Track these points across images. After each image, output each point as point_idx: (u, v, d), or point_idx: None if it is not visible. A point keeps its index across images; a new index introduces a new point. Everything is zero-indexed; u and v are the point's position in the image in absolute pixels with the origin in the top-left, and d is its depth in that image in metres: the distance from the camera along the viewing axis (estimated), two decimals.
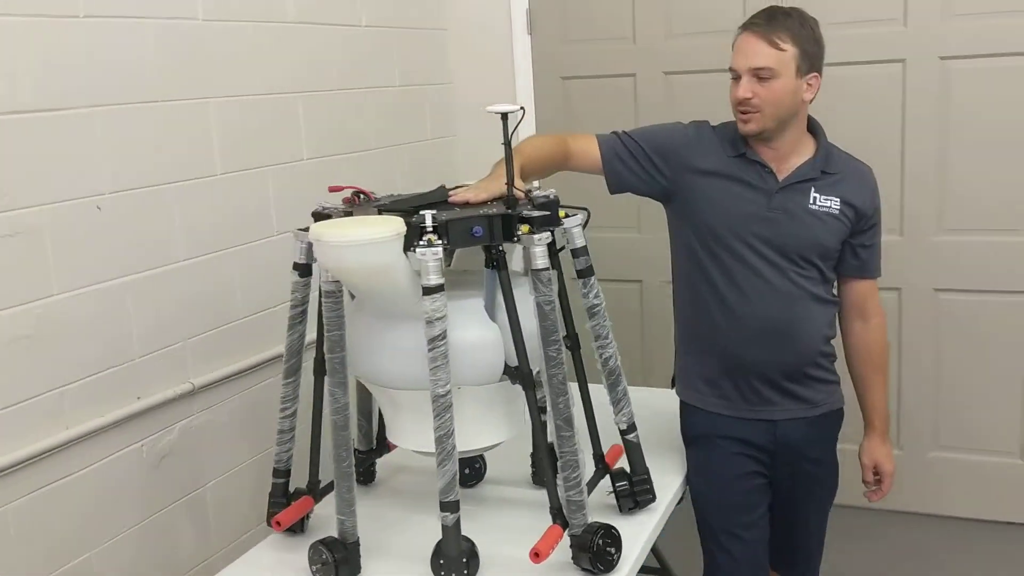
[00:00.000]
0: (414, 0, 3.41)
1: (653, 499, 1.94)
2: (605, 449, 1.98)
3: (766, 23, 1.99)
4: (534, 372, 1.75)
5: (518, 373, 1.73)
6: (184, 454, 2.44)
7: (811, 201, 2.06)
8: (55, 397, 2.09)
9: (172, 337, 2.41)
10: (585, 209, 1.87)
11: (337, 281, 1.66)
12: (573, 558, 1.70)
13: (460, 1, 3.63)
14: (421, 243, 1.59)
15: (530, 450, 2.10)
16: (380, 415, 2.08)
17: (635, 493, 1.92)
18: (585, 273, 1.85)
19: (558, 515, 1.72)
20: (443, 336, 1.59)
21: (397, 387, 1.74)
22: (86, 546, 2.17)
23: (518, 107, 1.67)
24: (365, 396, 2.07)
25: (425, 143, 3.47)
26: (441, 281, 1.59)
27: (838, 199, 2.07)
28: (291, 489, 1.96)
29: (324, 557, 1.70)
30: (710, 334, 2.16)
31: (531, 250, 1.67)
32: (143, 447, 2.33)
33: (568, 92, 3.60)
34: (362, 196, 1.89)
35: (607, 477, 1.95)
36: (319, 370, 1.87)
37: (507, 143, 1.70)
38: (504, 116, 1.68)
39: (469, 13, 3.63)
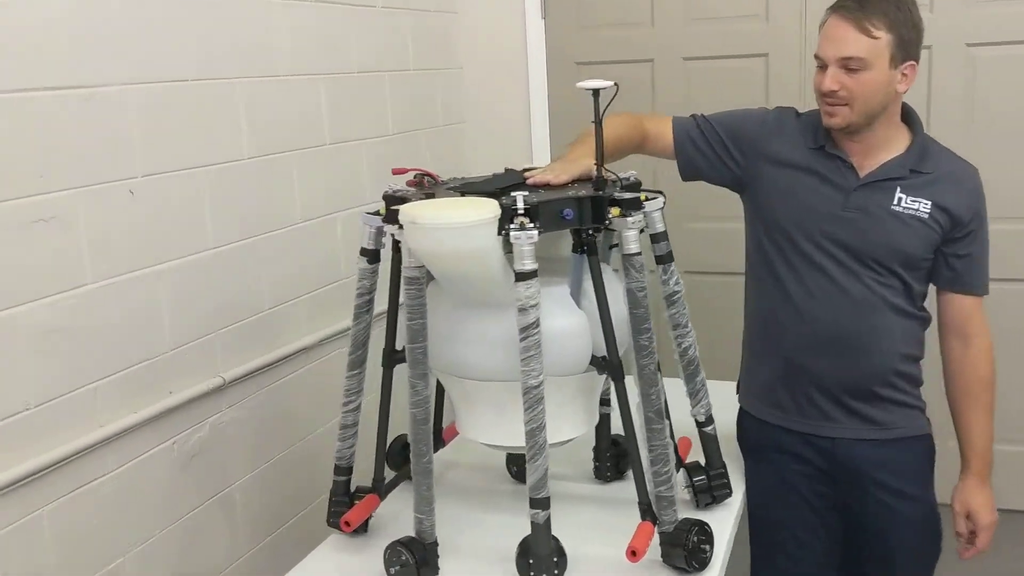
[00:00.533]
0: None
1: (730, 493, 1.87)
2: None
3: (859, 6, 1.80)
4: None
5: (605, 363, 1.65)
6: (213, 452, 2.33)
7: (895, 202, 1.87)
8: (89, 393, 1.96)
9: (203, 329, 2.28)
10: (661, 193, 1.79)
11: (421, 267, 1.57)
12: (664, 556, 1.63)
13: None
14: (513, 226, 1.50)
15: (590, 444, 2.02)
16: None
17: (712, 488, 1.85)
18: (665, 259, 1.76)
19: (648, 511, 1.65)
20: (536, 324, 1.51)
21: (477, 378, 1.65)
22: (119, 549, 2.05)
23: (611, 83, 1.58)
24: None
25: (435, 129, 3.36)
26: (535, 267, 1.50)
27: (929, 202, 1.86)
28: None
29: (404, 558, 1.60)
30: (772, 336, 2.02)
31: (624, 234, 1.59)
32: (174, 445, 2.21)
33: (583, 78, 3.50)
34: (428, 179, 1.79)
35: (682, 471, 1.88)
36: (388, 362, 1.78)
37: (598, 121, 1.62)
38: (595, 93, 1.60)
39: None
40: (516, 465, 2.01)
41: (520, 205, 1.51)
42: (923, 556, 2.01)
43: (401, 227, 1.54)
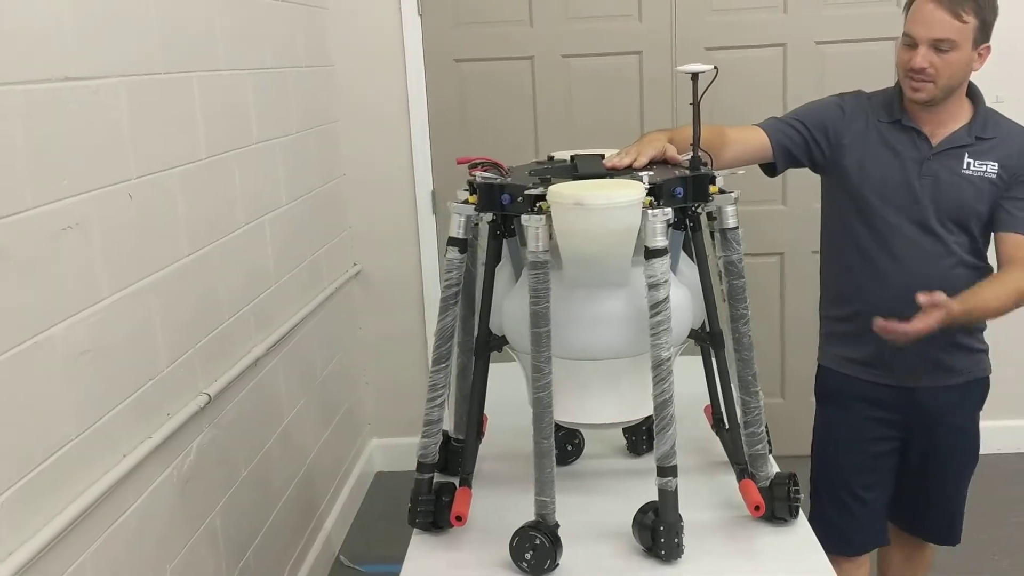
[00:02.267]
0: None
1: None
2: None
3: None
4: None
5: (705, 334, 1.73)
6: (200, 476, 2.14)
7: (965, 166, 2.04)
8: (110, 421, 1.76)
9: (187, 343, 2.10)
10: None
11: (547, 252, 1.56)
12: (769, 510, 1.72)
13: None
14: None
15: None
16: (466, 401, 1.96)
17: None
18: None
19: (745, 470, 1.74)
20: (667, 300, 1.55)
21: (593, 358, 1.66)
22: None
23: (711, 66, 1.65)
24: (465, 382, 1.94)
25: (308, 130, 3.17)
26: (667, 243, 1.55)
27: (995, 163, 2.04)
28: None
29: (539, 541, 1.58)
30: (857, 300, 2.17)
31: (724, 209, 1.67)
32: (173, 472, 2.02)
33: (463, 75, 3.54)
34: (496, 168, 1.77)
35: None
36: (482, 350, 1.74)
37: (696, 104, 1.68)
38: (694, 76, 1.65)
39: None
40: (570, 444, 2.03)
41: (645, 183, 1.55)
42: (966, 469, 2.29)
43: (539, 212, 1.52)
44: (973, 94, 2.12)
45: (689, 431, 2.03)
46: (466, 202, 1.70)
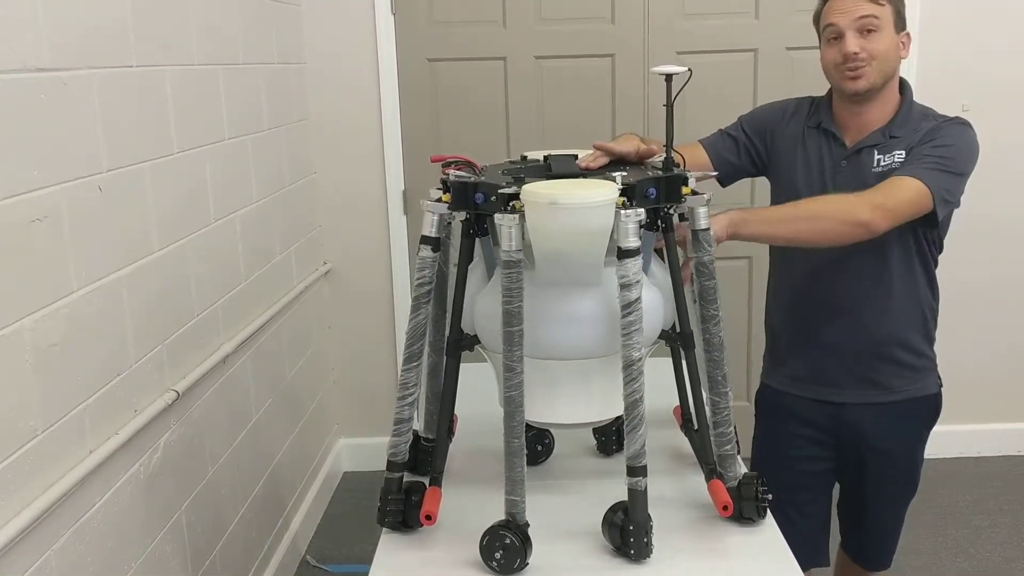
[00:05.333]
0: None
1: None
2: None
3: None
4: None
5: (676, 334, 1.74)
6: (167, 473, 2.13)
7: (875, 164, 2.00)
8: (79, 415, 1.75)
9: (156, 338, 2.08)
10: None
11: (520, 251, 1.56)
12: (738, 510, 1.74)
13: None
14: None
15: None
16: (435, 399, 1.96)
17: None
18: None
19: (714, 471, 1.76)
20: (639, 300, 1.56)
21: (564, 357, 1.67)
22: None
23: (685, 68, 1.66)
24: (436, 380, 1.94)
25: (280, 128, 3.14)
26: (639, 243, 1.56)
27: (902, 152, 1.98)
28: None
29: (508, 541, 1.59)
30: (783, 309, 2.18)
31: (696, 210, 1.69)
32: (140, 468, 2.00)
33: (435, 74, 3.54)
34: (469, 167, 1.77)
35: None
36: (454, 349, 1.74)
37: (669, 105, 1.69)
38: (668, 77, 1.66)
39: None
40: (540, 444, 2.04)
41: (619, 183, 1.56)
42: (898, 499, 2.21)
43: (512, 211, 1.53)
44: (903, 90, 2.07)
45: (658, 432, 2.05)
46: (439, 200, 1.70)
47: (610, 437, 2.09)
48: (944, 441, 2.21)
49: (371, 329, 3.74)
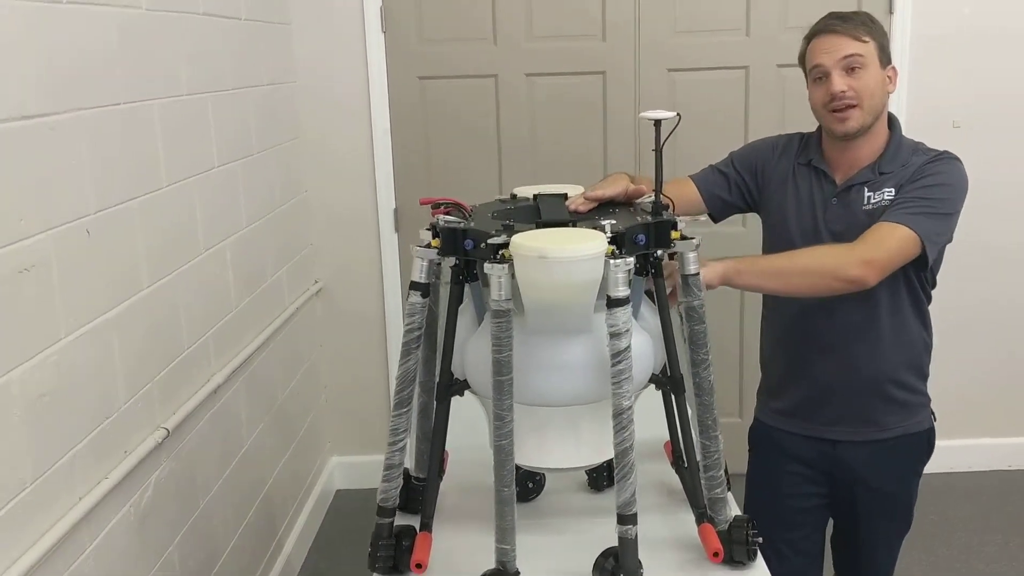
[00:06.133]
0: None
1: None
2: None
3: (841, 22, 1.96)
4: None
5: (666, 378, 1.74)
6: (157, 511, 2.12)
7: (865, 201, 1.98)
8: (68, 463, 1.74)
9: (145, 377, 2.08)
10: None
11: (510, 299, 1.56)
12: (728, 553, 1.74)
13: None
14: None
15: None
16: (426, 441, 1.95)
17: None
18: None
19: (704, 514, 1.76)
20: (629, 349, 1.56)
21: (554, 404, 1.67)
22: None
23: (673, 113, 1.66)
24: (427, 420, 1.94)
25: (272, 146, 3.14)
26: (628, 292, 1.55)
27: (892, 189, 1.97)
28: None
29: None
30: (775, 345, 2.18)
31: (685, 255, 1.68)
32: (131, 509, 1.99)
33: (426, 92, 3.53)
34: (459, 208, 1.76)
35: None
36: (444, 395, 1.74)
37: (658, 150, 1.68)
38: (657, 123, 1.66)
39: (316, 8, 3.43)
40: (531, 481, 2.04)
41: (608, 232, 1.56)
42: (892, 536, 2.20)
43: (502, 262, 1.53)
44: (892, 125, 2.06)
45: (649, 465, 2.05)
46: (429, 245, 1.69)
47: (601, 473, 2.09)
48: (935, 456, 2.19)
49: (363, 346, 3.73)
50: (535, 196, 1.89)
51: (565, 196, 1.89)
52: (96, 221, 1.86)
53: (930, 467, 2.20)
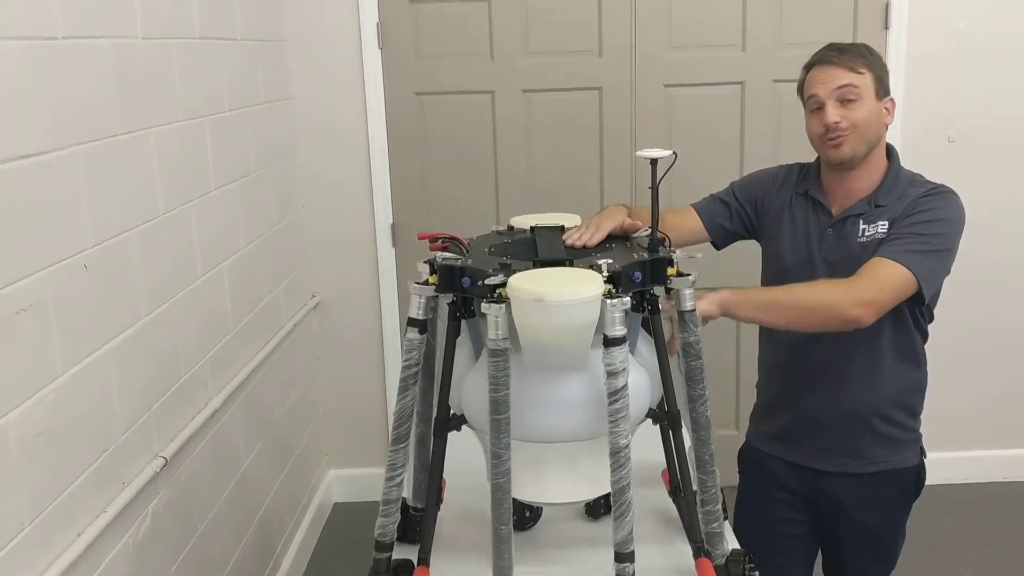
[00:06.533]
0: (246, 3, 2.95)
1: None
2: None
3: (839, 53, 1.97)
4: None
5: (663, 413, 1.75)
6: (155, 541, 2.12)
7: (860, 234, 1.99)
8: (66, 499, 1.74)
9: (143, 407, 2.08)
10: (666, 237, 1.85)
11: (507, 339, 1.56)
12: None
13: (302, 11, 3.42)
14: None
15: None
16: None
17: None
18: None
19: (701, 549, 1.77)
20: (626, 387, 1.56)
21: (552, 440, 1.68)
22: None
23: (669, 152, 1.66)
24: (425, 450, 1.95)
25: (261, 171, 3.11)
26: (625, 331, 1.56)
27: (886, 222, 1.97)
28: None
29: None
30: (769, 371, 2.20)
31: (682, 292, 1.69)
32: (130, 540, 1.99)
33: (423, 108, 3.53)
34: (456, 243, 1.77)
35: None
36: (441, 430, 1.74)
37: (654, 187, 1.69)
38: (653, 162, 1.67)
39: (312, 24, 3.43)
40: (529, 510, 2.04)
41: (604, 272, 1.57)
42: (875, 571, 2.20)
43: (499, 301, 1.53)
44: (890, 155, 2.07)
45: (647, 492, 2.05)
46: (426, 282, 1.69)
47: (598, 500, 2.09)
48: (931, 468, 2.18)
49: (360, 360, 3.73)
50: (532, 228, 1.90)
51: (562, 228, 1.90)
52: (94, 255, 1.86)
53: (927, 479, 2.18)
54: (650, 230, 1.74)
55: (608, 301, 1.54)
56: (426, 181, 3.59)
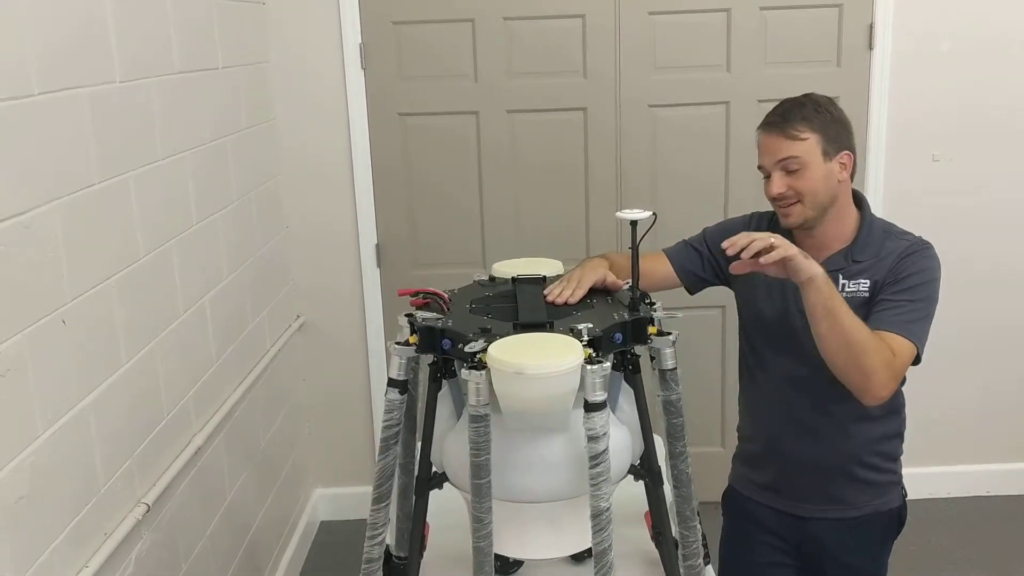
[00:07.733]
0: (227, 28, 2.93)
1: None
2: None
3: (781, 118, 1.96)
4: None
5: (644, 470, 1.75)
6: None
7: (840, 290, 1.95)
8: (48, 558, 1.73)
9: (125, 454, 2.08)
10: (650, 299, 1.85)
11: (487, 404, 1.56)
12: None
13: (285, 33, 3.40)
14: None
15: None
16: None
17: None
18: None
19: None
20: (607, 451, 1.57)
21: (533, 501, 1.68)
22: None
23: (649, 213, 1.66)
24: (407, 501, 1.95)
25: (244, 198, 3.09)
26: (606, 396, 1.56)
27: (867, 281, 1.98)
28: None
29: None
30: (750, 417, 2.22)
31: (663, 351, 1.69)
32: None
33: (407, 129, 3.52)
34: (437, 299, 1.77)
35: None
36: (422, 490, 1.75)
37: (635, 248, 1.69)
38: (633, 224, 1.67)
39: (295, 46, 3.41)
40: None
41: (585, 337, 1.57)
42: None
43: (479, 367, 1.53)
44: (860, 206, 2.06)
45: (630, 531, 2.05)
46: (407, 342, 1.69)
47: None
48: (914, 483, 2.18)
49: (345, 379, 3.73)
50: (514, 280, 1.90)
51: (544, 280, 1.90)
52: (72, 309, 1.85)
53: (910, 494, 2.21)
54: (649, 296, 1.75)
55: (588, 367, 1.54)
56: (411, 201, 3.58)
